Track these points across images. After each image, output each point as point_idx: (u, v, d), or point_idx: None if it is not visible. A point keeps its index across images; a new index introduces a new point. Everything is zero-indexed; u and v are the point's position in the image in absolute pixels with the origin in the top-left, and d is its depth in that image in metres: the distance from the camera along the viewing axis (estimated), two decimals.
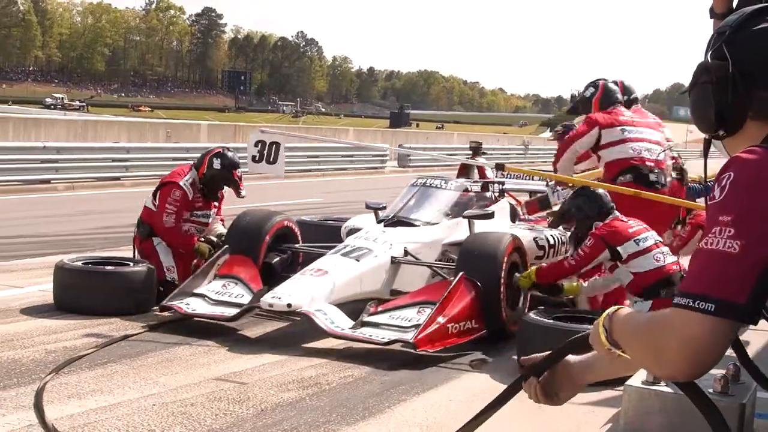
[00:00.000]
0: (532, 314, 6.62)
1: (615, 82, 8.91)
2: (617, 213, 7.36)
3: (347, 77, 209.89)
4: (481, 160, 10.39)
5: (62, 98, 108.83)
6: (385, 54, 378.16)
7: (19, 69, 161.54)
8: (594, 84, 8.92)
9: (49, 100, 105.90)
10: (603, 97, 8.64)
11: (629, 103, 8.86)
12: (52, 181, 20.24)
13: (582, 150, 8.70)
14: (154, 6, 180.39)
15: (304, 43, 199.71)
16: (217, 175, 8.67)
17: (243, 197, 8.86)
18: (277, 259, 8.29)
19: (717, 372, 3.91)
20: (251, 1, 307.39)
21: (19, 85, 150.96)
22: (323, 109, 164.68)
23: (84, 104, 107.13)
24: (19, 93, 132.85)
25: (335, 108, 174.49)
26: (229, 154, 8.79)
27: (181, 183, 8.54)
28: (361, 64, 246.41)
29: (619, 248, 7.11)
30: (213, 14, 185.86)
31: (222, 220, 9.06)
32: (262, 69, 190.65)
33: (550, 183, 9.62)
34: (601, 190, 7.55)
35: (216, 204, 8.98)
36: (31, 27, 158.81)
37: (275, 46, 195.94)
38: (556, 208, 9.74)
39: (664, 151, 8.42)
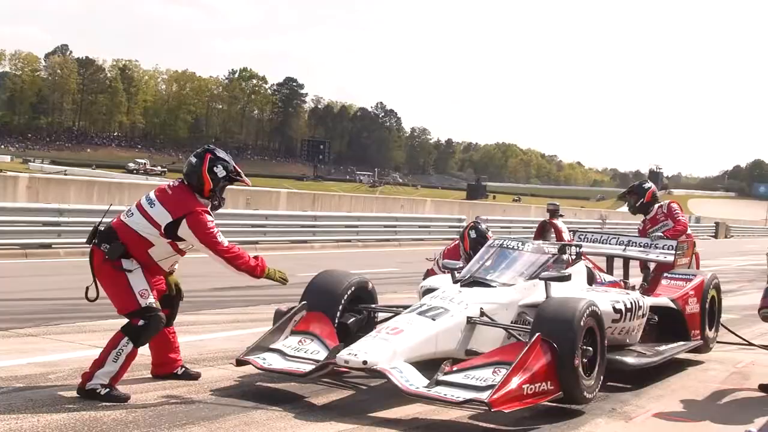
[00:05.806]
0: None
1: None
2: None
3: (425, 148, 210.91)
4: (559, 223, 10.40)
5: (144, 163, 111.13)
6: (463, 126, 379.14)
7: (103, 134, 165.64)
8: (647, 181, 12.84)
9: (131, 165, 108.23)
10: (655, 191, 12.18)
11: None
12: None
13: None
14: (237, 75, 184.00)
15: (383, 114, 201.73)
16: (226, 183, 7.48)
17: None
18: (353, 319, 8.30)
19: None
20: (332, 72, 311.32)
21: (103, 149, 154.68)
22: (400, 180, 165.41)
23: (165, 169, 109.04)
24: (103, 157, 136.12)
25: (412, 179, 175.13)
26: (221, 153, 7.52)
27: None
28: (439, 135, 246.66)
29: None
30: (294, 84, 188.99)
31: None
32: (341, 138, 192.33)
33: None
34: None
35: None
36: (117, 93, 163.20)
37: (355, 116, 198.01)
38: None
39: None
